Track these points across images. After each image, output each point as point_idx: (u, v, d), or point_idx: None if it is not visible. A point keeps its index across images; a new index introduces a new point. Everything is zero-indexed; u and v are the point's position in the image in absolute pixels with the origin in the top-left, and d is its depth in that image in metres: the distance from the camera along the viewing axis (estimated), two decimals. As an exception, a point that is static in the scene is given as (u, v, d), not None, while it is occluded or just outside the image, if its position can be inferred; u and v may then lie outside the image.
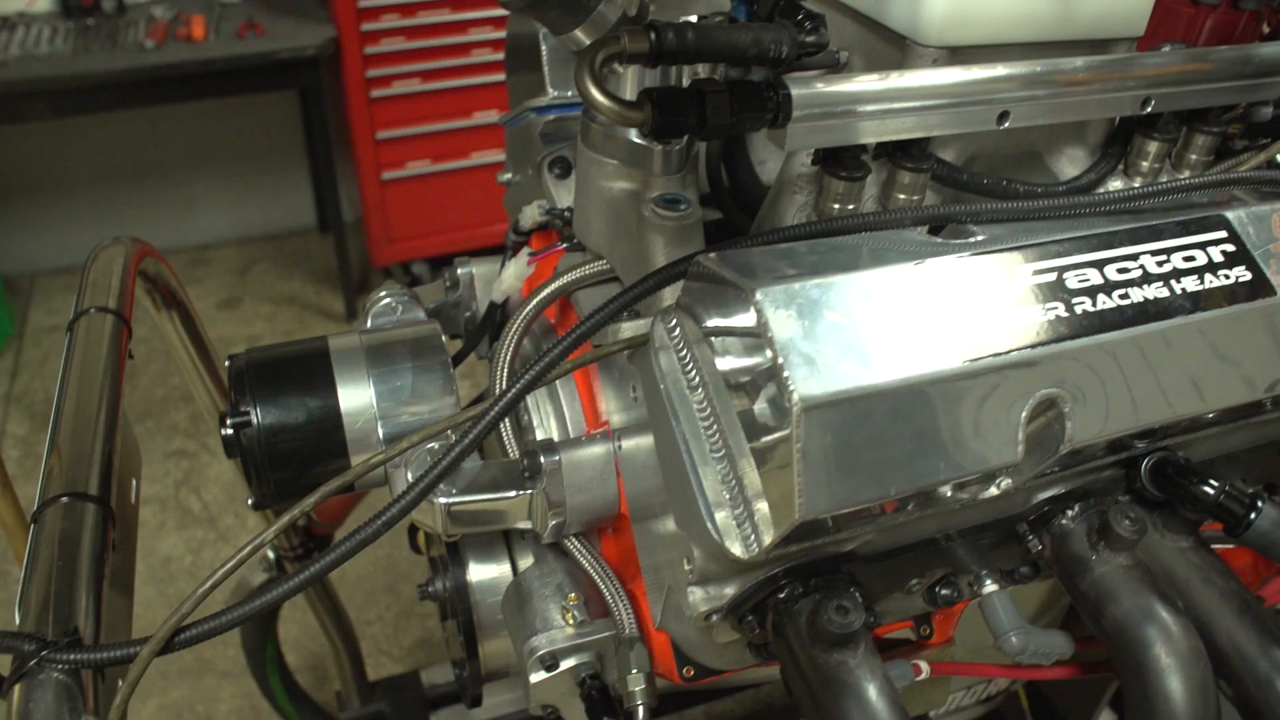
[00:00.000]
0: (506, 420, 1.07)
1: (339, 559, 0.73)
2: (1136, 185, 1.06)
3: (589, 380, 1.04)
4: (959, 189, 0.97)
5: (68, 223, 4.31)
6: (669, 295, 0.88)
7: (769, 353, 0.67)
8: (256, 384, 1.01)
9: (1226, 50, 1.03)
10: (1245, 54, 1.02)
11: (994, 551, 0.95)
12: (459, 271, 1.25)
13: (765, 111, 0.80)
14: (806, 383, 0.65)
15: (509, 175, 1.35)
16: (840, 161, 0.87)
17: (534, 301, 1.01)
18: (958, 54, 0.94)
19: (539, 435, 1.07)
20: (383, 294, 1.18)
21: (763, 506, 0.74)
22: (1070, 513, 0.91)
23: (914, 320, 0.70)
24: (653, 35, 0.80)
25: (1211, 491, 0.87)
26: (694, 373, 0.79)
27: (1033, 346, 0.73)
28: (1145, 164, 1.05)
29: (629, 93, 0.95)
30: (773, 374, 0.67)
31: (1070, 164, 1.06)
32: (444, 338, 1.29)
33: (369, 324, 1.16)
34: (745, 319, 0.70)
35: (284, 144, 4.38)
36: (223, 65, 3.42)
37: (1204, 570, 0.92)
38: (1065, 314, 0.75)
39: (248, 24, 3.54)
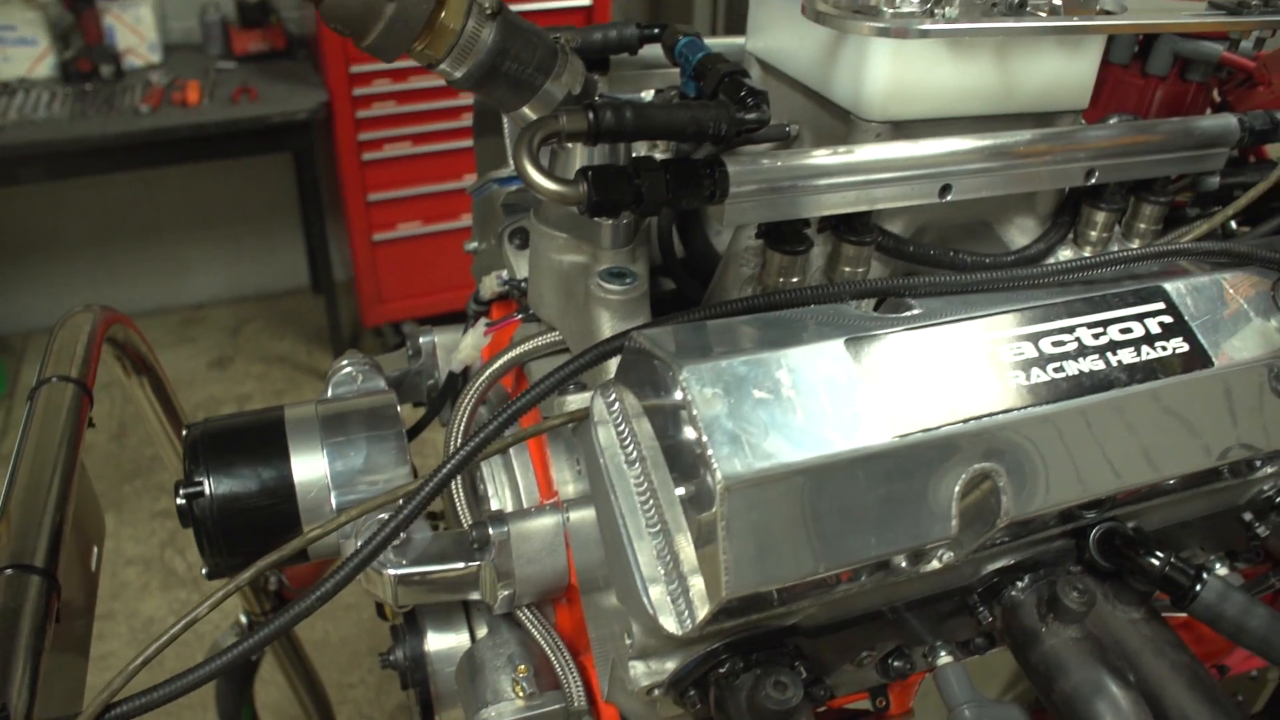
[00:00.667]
0: (460, 490, 1.08)
1: (263, 641, 0.73)
2: (1086, 254, 1.08)
3: (543, 450, 1.04)
4: (905, 260, 0.98)
5: (63, 282, 4.34)
6: (613, 369, 0.89)
7: (694, 431, 0.67)
8: (210, 454, 1.01)
9: (1169, 122, 1.05)
10: (1187, 126, 1.04)
11: (947, 622, 0.94)
12: (421, 340, 1.26)
13: (702, 189, 0.81)
14: (730, 461, 0.66)
15: (475, 244, 1.36)
16: (782, 236, 0.88)
17: (485, 374, 1.01)
18: (901, 128, 0.95)
19: (494, 505, 1.07)
20: (344, 363, 1.19)
21: (697, 582, 0.74)
22: (1020, 584, 0.91)
23: (842, 396, 0.71)
24: (591, 115, 0.81)
25: (1156, 563, 0.86)
26: (631, 447, 0.79)
27: (964, 421, 0.73)
28: (1094, 233, 1.07)
29: (578, 165, 0.96)
30: (698, 452, 0.67)
31: (1020, 233, 1.08)
32: (405, 406, 1.31)
33: (329, 392, 1.17)
34: (674, 396, 0.70)
35: (278, 205, 4.42)
36: (215, 129, 3.47)
37: (1155, 642, 0.92)
38: (998, 388, 0.76)
39: (242, 89, 3.60)
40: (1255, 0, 0.99)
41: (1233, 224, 1.26)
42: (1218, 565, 1.09)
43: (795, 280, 0.91)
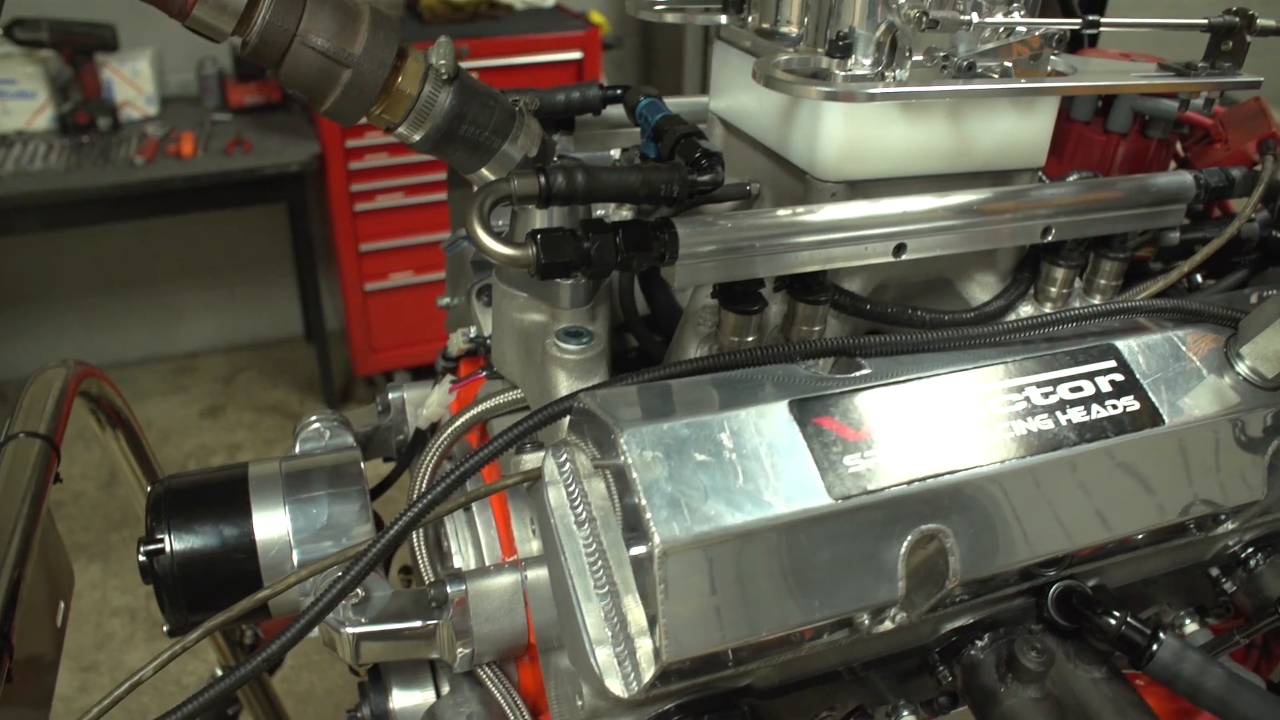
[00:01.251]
0: (423, 547, 1.08)
1: (202, 708, 0.73)
2: (1047, 310, 1.08)
3: (505, 507, 1.04)
4: (862, 318, 0.99)
5: (57, 330, 4.36)
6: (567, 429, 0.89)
7: (633, 494, 0.68)
8: (172, 511, 1.02)
9: (1124, 180, 1.06)
10: (1142, 184, 1.05)
11: (909, 682, 0.94)
12: (390, 396, 1.27)
13: (652, 251, 0.82)
14: (668, 525, 0.66)
15: (447, 299, 1.37)
16: (735, 296, 0.89)
17: (446, 433, 1.02)
18: (857, 187, 0.97)
19: (457, 561, 1.07)
20: (312, 418, 1.20)
21: (645, 644, 0.73)
22: (980, 643, 0.91)
23: (784, 459, 0.71)
24: (542, 179, 0.82)
25: (1113, 622, 0.86)
26: (581, 508, 0.79)
27: (909, 483, 0.73)
28: (1054, 289, 1.07)
29: (537, 224, 0.97)
30: (638, 515, 0.67)
31: (981, 289, 1.08)
32: (375, 461, 1.31)
33: (297, 448, 1.17)
34: (617, 458, 0.70)
35: (273, 255, 4.45)
36: (209, 181, 3.50)
37: (1117, 702, 0.91)
38: (943, 448, 0.76)
39: (236, 141, 3.64)
40: (1202, 63, 1.01)
41: (1198, 277, 1.28)
42: (1187, 621, 1.09)
43: (751, 339, 0.92)
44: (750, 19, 1.05)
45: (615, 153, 1.21)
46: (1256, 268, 1.19)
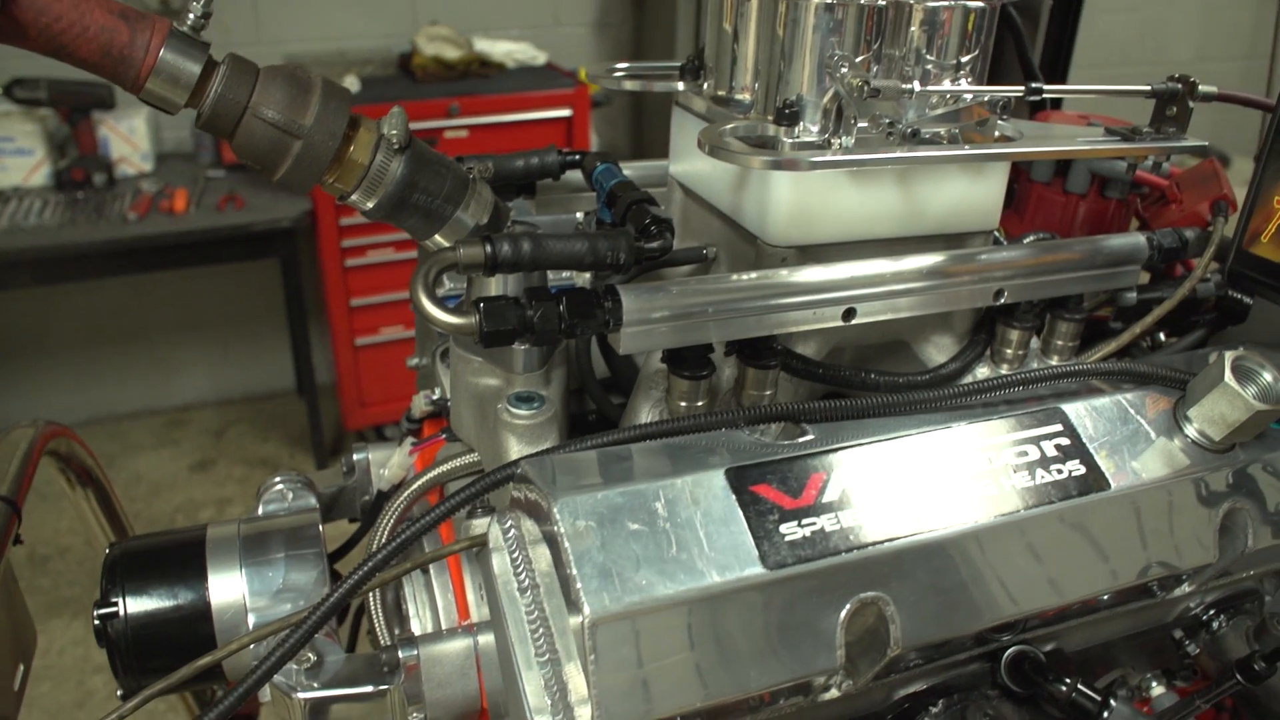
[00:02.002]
0: (379, 611, 1.07)
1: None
2: (1004, 371, 1.09)
3: (462, 571, 1.04)
4: (815, 381, 0.99)
5: (49, 384, 4.37)
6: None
7: (565, 564, 0.68)
8: (127, 574, 1.02)
9: (1077, 242, 1.07)
10: (1095, 245, 1.06)
11: (865, 748, 0.93)
12: (355, 457, 1.27)
13: (596, 319, 0.83)
14: (597, 595, 0.66)
15: (416, 360, 1.38)
16: (683, 361, 0.90)
17: (403, 496, 1.02)
18: (808, 252, 0.98)
19: (414, 624, 1.06)
20: (276, 479, 1.20)
21: (584, 712, 0.73)
22: (934, 709, 0.90)
23: (718, 528, 0.71)
24: (488, 247, 0.83)
25: (1064, 689, 0.85)
26: (524, 574, 0.79)
27: (846, 551, 0.73)
28: (1010, 351, 1.08)
29: (493, 289, 0.98)
30: (570, 585, 0.67)
31: (938, 351, 1.09)
32: (341, 521, 1.31)
33: (260, 510, 1.17)
34: (552, 527, 0.71)
35: (266, 309, 4.47)
36: (200, 237, 3.53)
37: (1072, 769, 0.90)
38: (881, 515, 0.76)
39: (228, 197, 3.68)
40: (1147, 128, 1.02)
41: (1161, 336, 1.28)
42: (1154, 684, 1.08)
43: (700, 403, 0.92)
44: (706, 86, 1.07)
45: (580, 215, 1.23)
46: (1215, 327, 1.20)
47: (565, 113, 3.82)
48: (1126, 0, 5.62)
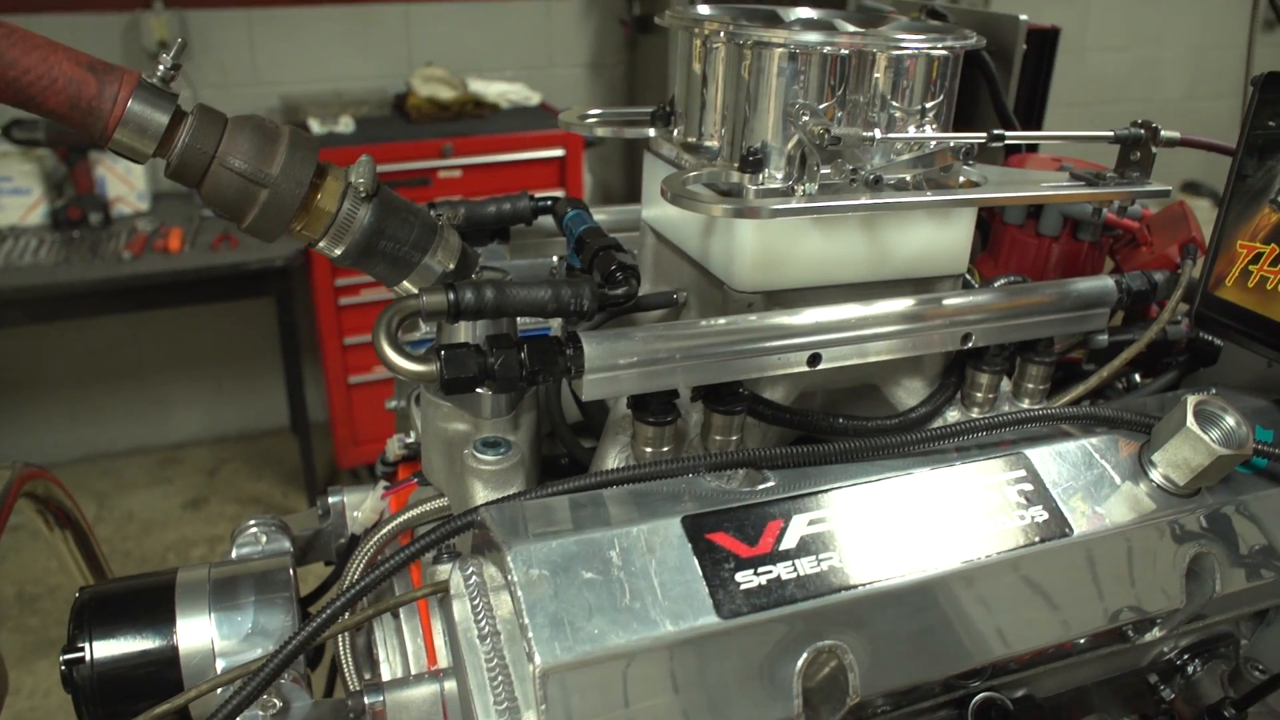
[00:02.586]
0: (348, 656, 1.07)
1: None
2: (974, 415, 1.09)
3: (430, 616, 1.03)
4: (782, 426, 0.99)
5: (43, 422, 4.37)
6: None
7: (519, 613, 0.68)
8: (95, 619, 1.01)
9: (1045, 285, 1.08)
10: (1063, 289, 1.07)
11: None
12: (330, 500, 1.27)
13: (557, 366, 0.83)
14: (549, 645, 0.66)
15: (395, 402, 1.38)
16: (647, 407, 0.90)
17: (373, 540, 1.02)
18: (774, 297, 0.98)
19: (384, 669, 1.06)
20: (250, 522, 1.20)
21: (542, 763, 0.73)
22: (900, 757, 0.89)
23: (672, 576, 0.71)
24: (450, 295, 0.84)
25: (1028, 737, 0.85)
26: (484, 622, 0.78)
27: (802, 600, 0.73)
28: (980, 394, 1.08)
29: (463, 335, 0.99)
30: (523, 634, 0.67)
31: (908, 395, 1.09)
32: (316, 564, 1.31)
33: (234, 553, 1.17)
34: (507, 575, 0.71)
35: (260, 347, 4.48)
36: (194, 276, 3.55)
37: (1041, 817, 0.89)
38: (840, 563, 0.76)
39: (223, 236, 3.70)
40: (1110, 173, 1.03)
41: (1136, 377, 1.28)
42: (1129, 729, 1.07)
43: (666, 449, 0.92)
44: (676, 132, 1.08)
45: (556, 259, 1.24)
46: (1187, 369, 1.20)
47: (558, 153, 3.85)
48: (1117, 40, 5.68)
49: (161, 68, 0.86)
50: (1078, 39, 5.59)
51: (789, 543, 0.75)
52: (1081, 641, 0.90)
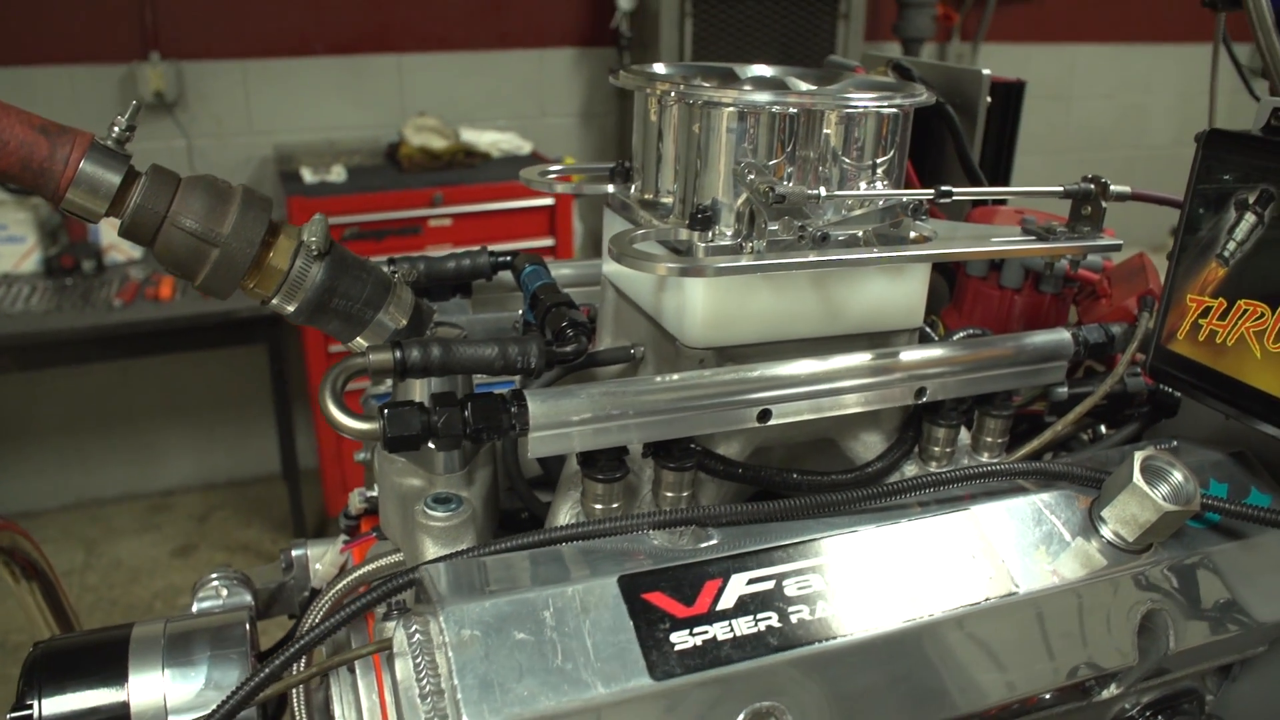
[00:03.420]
0: (302, 711, 1.06)
1: None
2: (932, 469, 1.09)
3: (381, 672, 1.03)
4: (735, 481, 0.99)
5: (34, 469, 4.36)
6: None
7: (450, 674, 0.67)
8: (45, 676, 1.01)
9: (1002, 338, 1.08)
10: (1019, 342, 1.07)
11: None
12: (294, 553, 1.26)
13: (502, 424, 0.83)
14: (477, 708, 0.65)
15: (363, 455, 1.38)
16: (595, 464, 0.90)
17: (328, 596, 1.01)
18: (726, 352, 0.99)
19: (339, 728, 1.05)
20: (212, 575, 1.20)
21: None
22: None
23: (606, 637, 0.71)
24: (397, 354, 0.84)
25: (977, 798, 0.84)
26: (426, 681, 0.78)
27: (739, 660, 0.73)
28: (937, 448, 1.08)
29: (417, 391, 0.99)
30: (452, 695, 0.67)
31: (866, 449, 1.09)
32: (280, 618, 1.30)
33: (194, 607, 1.17)
34: (439, 635, 0.70)
35: (253, 393, 4.49)
36: (185, 323, 3.57)
37: None
38: (776, 624, 0.75)
39: (214, 283, 3.71)
40: (1061, 227, 1.04)
41: (1103, 428, 1.29)
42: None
43: (616, 505, 0.92)
44: (634, 189, 1.09)
45: (520, 314, 1.24)
46: (1149, 421, 1.20)
47: (548, 202, 3.88)
48: (1104, 88, 5.75)
49: (116, 129, 0.88)
50: (1065, 88, 5.66)
51: (726, 602, 0.75)
52: (1047, 697, 0.90)
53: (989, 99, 1.46)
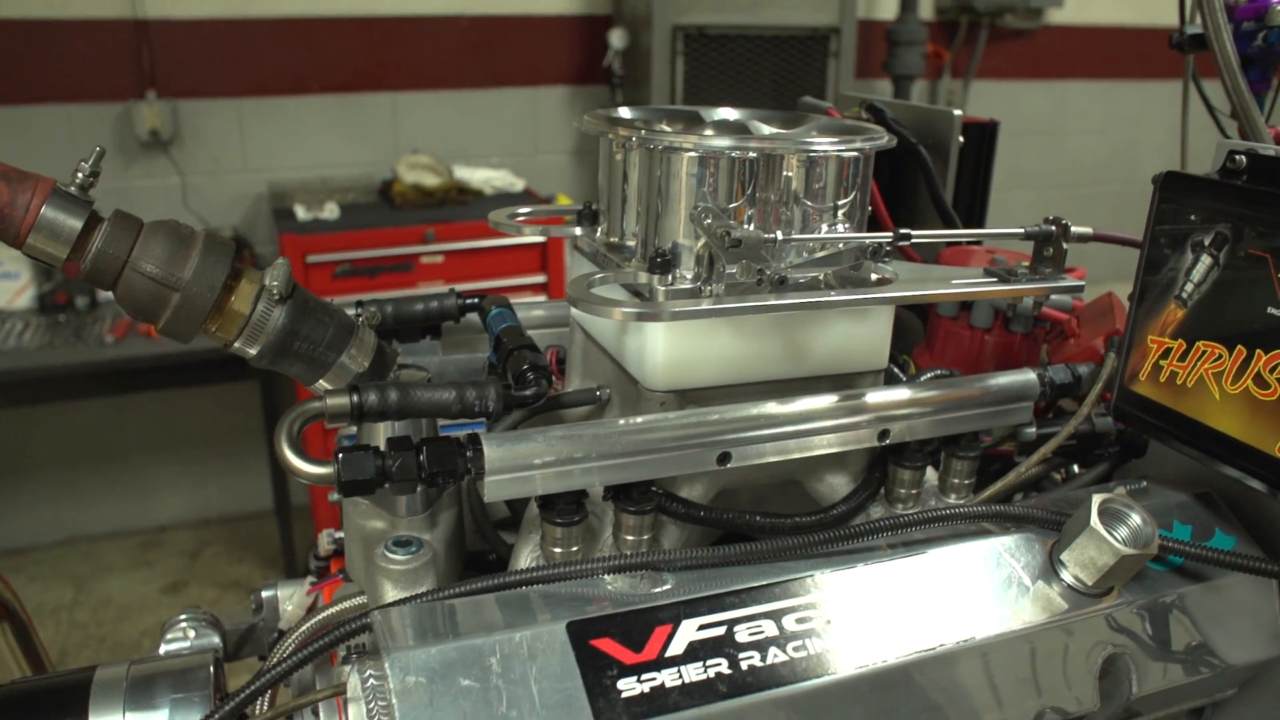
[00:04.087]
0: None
1: None
2: (898, 510, 1.09)
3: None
4: (698, 524, 0.99)
5: (26, 505, 4.35)
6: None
7: (392, 723, 0.67)
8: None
9: (967, 379, 1.08)
10: (984, 384, 1.07)
11: None
12: (264, 594, 1.26)
13: (457, 468, 0.84)
14: (418, 757, 0.65)
15: (336, 495, 1.38)
16: (553, 507, 0.90)
17: (291, 640, 1.01)
18: (688, 395, 0.99)
19: (303, 772, 1.04)
20: (181, 616, 1.20)
21: None
22: None
23: (552, 684, 0.71)
24: (354, 398, 0.85)
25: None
26: (377, 727, 0.78)
27: (687, 707, 0.72)
28: (903, 490, 1.08)
29: (380, 435, 0.99)
30: (397, 745, 0.67)
31: (831, 491, 1.09)
32: (251, 659, 1.30)
33: (161, 648, 1.17)
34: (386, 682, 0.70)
35: (245, 429, 4.49)
36: (177, 359, 3.58)
37: None
38: (726, 670, 0.75)
39: (207, 320, 3.73)
40: (1023, 268, 1.05)
41: (1076, 468, 1.28)
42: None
43: (575, 549, 0.92)
44: (599, 232, 1.10)
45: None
46: (1119, 460, 1.20)
47: (540, 239, 3.89)
48: (1096, 123, 5.79)
49: (80, 175, 0.89)
50: (1057, 123, 5.70)
51: (676, 649, 0.75)
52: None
53: (961, 139, 1.47)
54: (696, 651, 0.76)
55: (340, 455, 0.83)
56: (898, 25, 4.85)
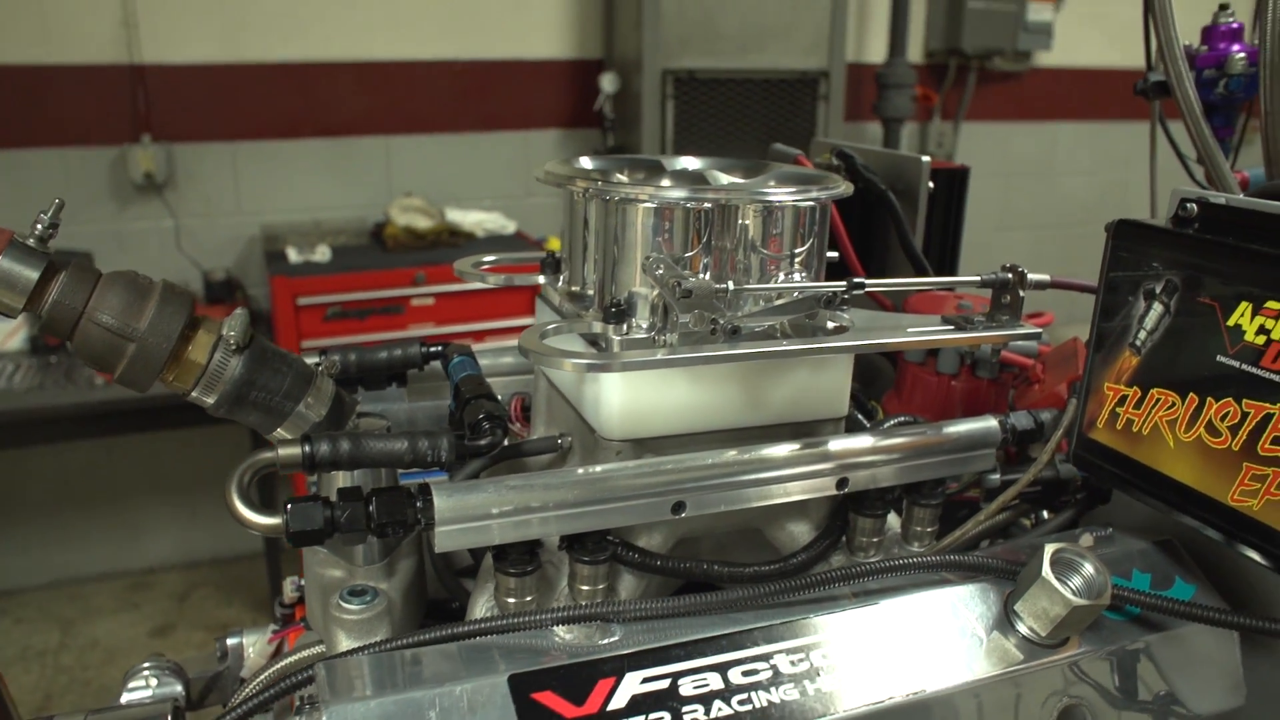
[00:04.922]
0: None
1: None
2: (860, 559, 1.08)
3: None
4: (655, 574, 0.99)
5: (17, 547, 4.33)
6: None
7: (327, 780, 0.67)
8: (-41, 776, 0.99)
9: (927, 426, 1.09)
10: (944, 431, 1.08)
11: None
12: (229, 641, 1.26)
13: (407, 519, 0.84)
14: (350, 815, 0.65)
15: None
16: (506, 557, 0.90)
17: (247, 689, 1.00)
18: (645, 444, 0.99)
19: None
20: (144, 664, 1.19)
21: None
22: None
23: (491, 739, 0.70)
24: (306, 448, 0.85)
25: None
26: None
27: (629, 761, 0.72)
28: (864, 539, 1.08)
29: (341, 482, 1.00)
30: (329, 803, 0.66)
31: (792, 540, 1.09)
32: (217, 708, 1.29)
33: (122, 697, 1.16)
34: (327, 739, 0.70)
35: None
36: (166, 401, 3.56)
37: None
38: (671, 722, 0.75)
39: (197, 361, 3.74)
40: (979, 316, 1.05)
41: (1045, 514, 1.28)
42: None
43: (529, 599, 0.92)
44: (561, 280, 1.11)
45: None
46: (1084, 507, 1.20)
47: (539, 280, 3.90)
48: (1086, 165, 5.83)
49: (39, 226, 0.90)
50: (1047, 164, 5.74)
51: (618, 702, 0.75)
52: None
53: (931, 184, 1.49)
54: (639, 705, 0.75)
55: (289, 506, 0.83)
56: (887, 68, 4.90)
